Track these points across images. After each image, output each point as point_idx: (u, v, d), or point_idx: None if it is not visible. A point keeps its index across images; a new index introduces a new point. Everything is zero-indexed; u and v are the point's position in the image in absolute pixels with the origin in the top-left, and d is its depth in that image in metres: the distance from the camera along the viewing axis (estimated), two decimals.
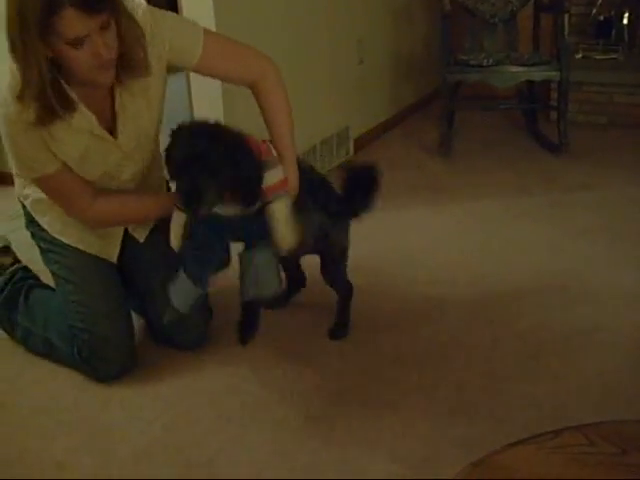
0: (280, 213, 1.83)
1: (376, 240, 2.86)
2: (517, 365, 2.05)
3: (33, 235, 2.21)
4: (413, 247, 2.81)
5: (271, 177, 1.82)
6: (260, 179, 1.79)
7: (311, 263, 2.25)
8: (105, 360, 2.05)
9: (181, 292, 1.92)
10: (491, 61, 3.59)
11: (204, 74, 2.02)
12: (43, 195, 2.03)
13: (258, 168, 1.79)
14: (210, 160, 1.70)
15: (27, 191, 2.13)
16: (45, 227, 2.13)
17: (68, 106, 1.75)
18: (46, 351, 2.18)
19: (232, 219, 1.85)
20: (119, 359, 2.05)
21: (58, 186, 1.91)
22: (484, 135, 4.13)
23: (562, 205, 3.13)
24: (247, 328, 2.10)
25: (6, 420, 1.99)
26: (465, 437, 1.76)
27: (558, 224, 2.94)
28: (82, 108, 1.80)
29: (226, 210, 1.82)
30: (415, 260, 2.70)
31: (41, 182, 1.92)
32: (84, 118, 1.82)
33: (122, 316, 2.10)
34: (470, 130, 4.14)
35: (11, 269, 2.33)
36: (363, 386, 2.00)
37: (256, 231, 1.87)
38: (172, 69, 1.94)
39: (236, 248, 1.94)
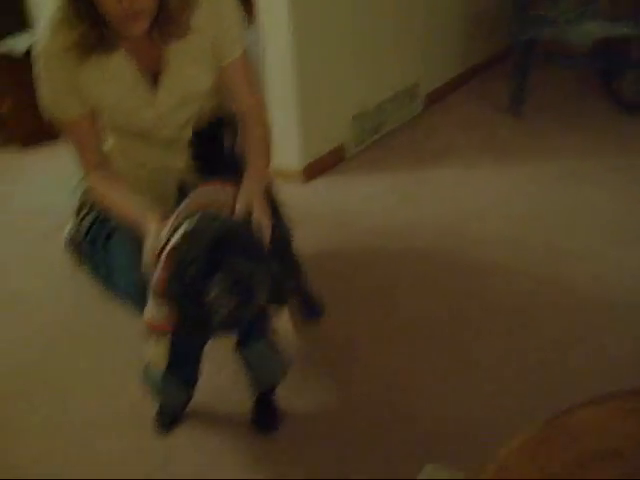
0: (286, 329, 1.82)
1: (442, 199, 2.85)
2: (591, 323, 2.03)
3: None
4: (480, 206, 2.78)
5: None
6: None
7: None
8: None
9: (168, 396, 1.79)
10: (567, 17, 3.48)
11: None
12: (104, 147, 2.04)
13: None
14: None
15: None
16: None
17: (108, 44, 1.73)
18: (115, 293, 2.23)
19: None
20: None
21: (73, 134, 1.87)
22: (557, 95, 4.02)
23: (636, 169, 3.04)
24: (270, 418, 1.82)
25: (81, 357, 2.06)
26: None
27: (630, 189, 2.86)
28: (122, 52, 1.77)
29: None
30: (481, 219, 2.67)
31: (60, 125, 1.87)
32: (124, 61, 1.79)
33: None
34: (543, 89, 4.02)
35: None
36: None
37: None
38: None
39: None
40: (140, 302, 2.06)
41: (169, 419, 1.83)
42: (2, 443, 1.80)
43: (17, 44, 3.75)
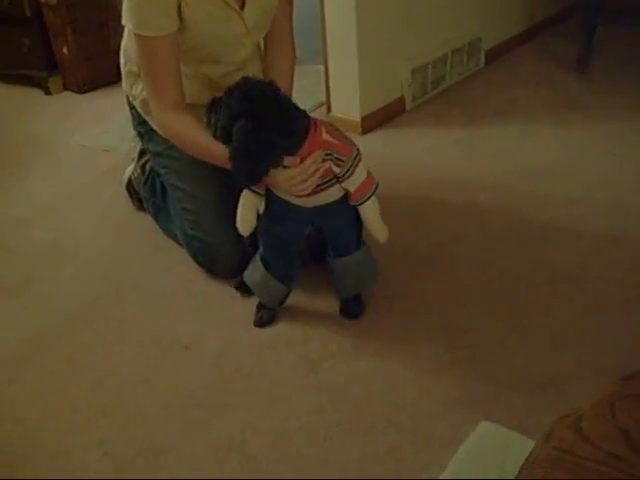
0: (373, 214, 1.80)
1: (505, 155, 2.78)
2: None
3: (142, 137, 2.23)
4: (545, 165, 2.70)
5: (359, 176, 1.73)
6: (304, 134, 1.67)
7: None
8: (218, 264, 2.08)
9: (268, 290, 1.90)
10: None
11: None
12: None
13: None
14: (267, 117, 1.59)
15: (136, 91, 2.13)
16: (155, 127, 2.11)
17: None
18: (177, 240, 2.25)
19: (309, 209, 1.77)
20: (231, 263, 2.05)
21: (157, 55, 1.83)
22: (625, 53, 3.87)
23: None
24: (355, 309, 1.96)
25: (137, 303, 2.08)
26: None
27: None
28: None
29: (308, 200, 1.74)
30: (547, 178, 2.60)
31: (144, 44, 1.83)
32: None
33: (230, 222, 1.88)
34: (610, 47, 3.89)
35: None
36: None
37: (337, 223, 1.82)
38: None
39: None
40: (196, 255, 2.09)
41: (267, 315, 1.94)
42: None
43: None
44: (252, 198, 1.79)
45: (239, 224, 1.81)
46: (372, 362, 1.78)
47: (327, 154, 1.68)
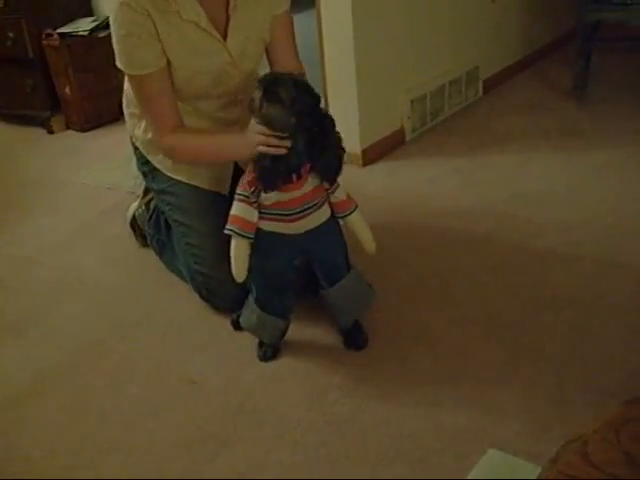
0: (359, 222, 1.85)
1: (504, 183, 2.80)
2: None
3: (145, 176, 2.28)
4: (544, 191, 2.72)
5: (339, 192, 1.81)
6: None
7: None
8: (222, 298, 2.09)
9: (266, 329, 1.91)
10: None
11: None
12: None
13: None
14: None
15: (138, 131, 2.19)
16: (158, 166, 2.18)
17: None
18: (181, 276, 2.26)
19: (300, 236, 1.78)
20: (235, 297, 2.03)
21: (150, 92, 1.94)
22: (622, 78, 3.90)
23: None
24: (359, 338, 1.96)
25: (142, 339, 2.09)
26: None
27: None
28: (192, 1, 1.89)
29: (299, 225, 1.76)
30: (546, 204, 2.61)
31: (137, 82, 1.95)
32: (192, 10, 1.90)
33: None
34: (607, 73, 3.93)
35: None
36: None
37: (327, 245, 1.84)
38: None
39: None
40: (200, 289, 2.10)
41: (271, 350, 1.95)
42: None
43: (80, 26, 3.80)
44: (243, 244, 1.76)
45: (235, 272, 1.78)
46: (376, 392, 1.78)
47: None
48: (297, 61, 2.13)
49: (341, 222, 1.86)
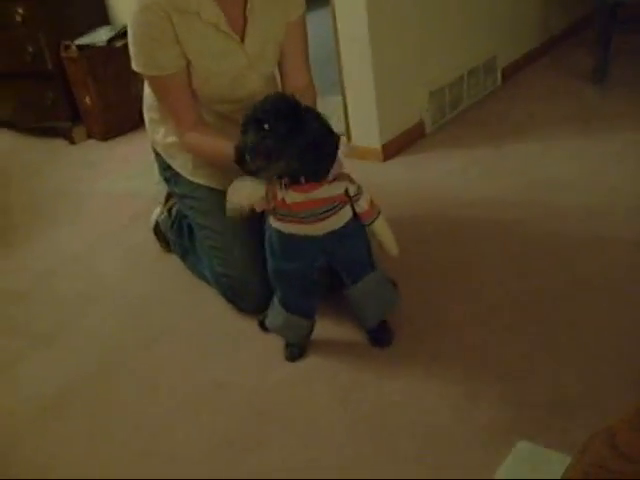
0: (383, 228, 1.82)
1: (526, 172, 2.77)
2: None
3: (168, 181, 2.29)
4: (566, 177, 2.68)
5: (362, 201, 1.77)
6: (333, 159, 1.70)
7: None
8: (248, 299, 2.09)
9: (292, 330, 1.91)
10: None
11: None
12: (174, 138, 2.09)
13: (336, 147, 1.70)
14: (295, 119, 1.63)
15: (158, 137, 2.21)
16: (178, 170, 2.20)
17: None
18: (206, 280, 2.27)
19: (321, 237, 1.76)
20: (260, 298, 2.03)
21: (169, 91, 1.97)
22: None
23: None
24: (384, 336, 1.96)
25: (169, 344, 2.10)
26: None
27: None
28: (211, 3, 1.89)
29: (320, 227, 1.75)
30: (569, 191, 2.58)
31: (155, 82, 1.98)
32: (212, 11, 1.90)
33: (259, 257, 1.94)
34: (628, 56, 3.86)
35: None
36: None
37: (350, 246, 1.82)
38: None
39: None
40: (225, 291, 2.11)
41: (298, 350, 1.95)
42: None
43: (97, 37, 3.82)
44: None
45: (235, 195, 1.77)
46: (404, 389, 1.76)
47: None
48: (307, 76, 2.14)
49: None
